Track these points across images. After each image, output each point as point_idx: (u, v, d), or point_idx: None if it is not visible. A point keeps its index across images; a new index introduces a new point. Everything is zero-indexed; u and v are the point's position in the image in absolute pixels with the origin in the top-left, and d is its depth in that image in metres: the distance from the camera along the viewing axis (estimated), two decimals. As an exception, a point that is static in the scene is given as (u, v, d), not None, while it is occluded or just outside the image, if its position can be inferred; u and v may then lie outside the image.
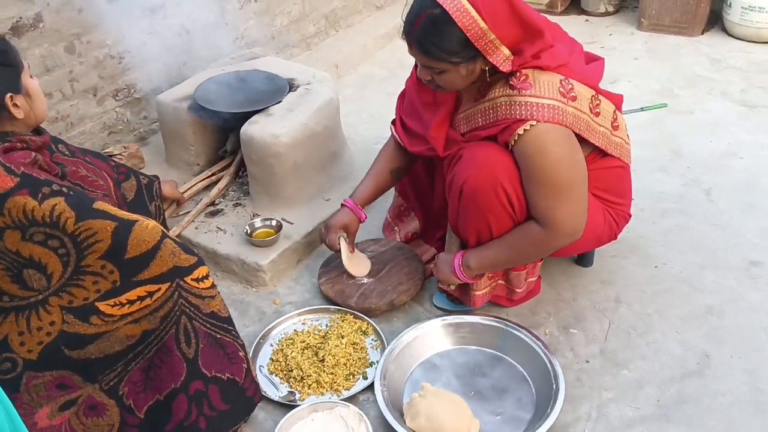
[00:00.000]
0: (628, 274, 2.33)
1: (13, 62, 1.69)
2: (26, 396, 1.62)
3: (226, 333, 1.76)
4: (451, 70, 1.80)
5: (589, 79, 1.91)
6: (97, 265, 1.58)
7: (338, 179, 2.68)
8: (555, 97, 1.79)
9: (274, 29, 3.52)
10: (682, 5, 3.81)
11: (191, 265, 1.67)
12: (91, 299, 1.60)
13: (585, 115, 1.86)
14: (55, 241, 1.56)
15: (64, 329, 1.60)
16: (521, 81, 1.80)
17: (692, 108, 3.24)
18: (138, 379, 1.67)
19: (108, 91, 2.84)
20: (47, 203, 1.54)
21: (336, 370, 2.00)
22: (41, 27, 2.53)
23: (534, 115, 1.78)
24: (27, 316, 1.59)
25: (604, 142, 1.95)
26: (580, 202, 1.87)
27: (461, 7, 1.70)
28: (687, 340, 2.09)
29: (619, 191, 2.10)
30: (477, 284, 2.08)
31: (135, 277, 1.61)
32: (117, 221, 1.58)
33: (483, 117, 1.89)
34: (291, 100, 2.57)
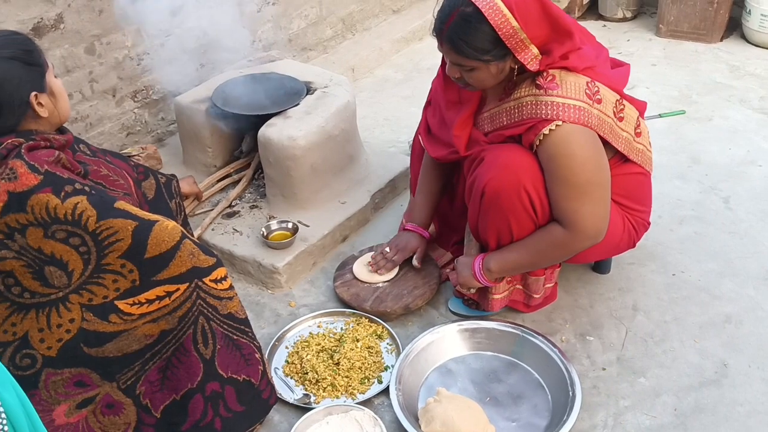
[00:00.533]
0: (646, 281, 2.31)
1: (39, 62, 1.71)
2: (44, 392, 1.63)
3: (243, 334, 1.76)
4: (482, 68, 1.80)
5: (615, 83, 1.91)
6: (117, 263, 1.59)
7: (354, 182, 2.68)
8: (581, 99, 1.79)
9: (291, 32, 3.53)
10: (701, 12, 3.79)
11: (210, 266, 1.68)
12: (110, 298, 1.61)
13: (609, 119, 1.85)
14: (77, 239, 1.57)
15: (84, 327, 1.61)
16: (548, 81, 1.80)
17: (711, 115, 3.22)
18: (155, 379, 1.67)
19: (127, 92, 2.86)
20: (69, 201, 1.56)
21: (351, 373, 2.00)
22: (62, 28, 2.55)
23: (560, 116, 1.77)
24: (47, 313, 1.60)
25: (627, 147, 1.94)
26: (604, 204, 1.86)
27: (494, 5, 1.71)
28: (705, 349, 2.07)
29: (638, 198, 2.09)
30: (495, 288, 2.07)
31: (154, 276, 1.62)
32: (137, 221, 1.60)
33: (508, 116, 1.88)
34: (308, 103, 2.58)
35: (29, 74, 1.67)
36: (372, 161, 2.81)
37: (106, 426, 1.68)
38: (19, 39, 1.71)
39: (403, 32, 4.06)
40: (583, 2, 4.22)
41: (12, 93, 1.64)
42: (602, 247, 2.05)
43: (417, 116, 3.25)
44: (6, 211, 1.55)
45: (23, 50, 1.67)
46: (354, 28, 3.93)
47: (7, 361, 1.61)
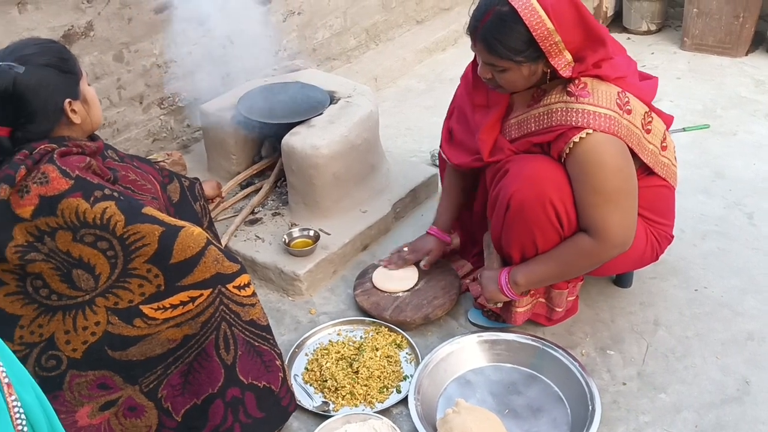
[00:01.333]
0: (668, 296, 2.30)
1: (73, 69, 1.74)
2: (68, 394, 1.65)
3: (264, 341, 1.78)
4: (514, 69, 1.80)
5: (644, 95, 1.91)
6: (143, 268, 1.62)
7: (376, 192, 2.69)
8: (612, 108, 1.79)
9: (316, 42, 3.57)
10: (727, 25, 3.77)
11: (234, 272, 1.69)
12: (135, 302, 1.63)
13: (638, 130, 1.85)
14: (105, 243, 1.60)
15: (109, 330, 1.64)
16: (579, 88, 1.80)
17: (735, 129, 3.20)
18: (177, 383, 1.69)
19: (153, 99, 2.90)
20: (99, 206, 1.59)
21: (370, 382, 2.01)
22: (92, 35, 2.60)
23: (591, 124, 1.77)
24: (74, 315, 1.63)
25: (653, 160, 1.94)
26: (632, 213, 1.86)
27: (530, 6, 1.72)
28: (727, 366, 2.05)
29: (662, 211, 2.08)
30: (519, 301, 2.05)
31: (179, 282, 1.64)
32: (164, 226, 1.63)
33: (536, 123, 1.88)
34: (332, 112, 2.60)
35: (64, 81, 1.71)
36: (393, 171, 2.83)
37: (128, 428, 1.70)
38: (55, 47, 1.74)
39: (427, 43, 4.08)
40: (607, 14, 4.22)
41: (47, 99, 1.67)
42: (626, 260, 2.04)
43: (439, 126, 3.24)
44: (37, 214, 1.59)
45: (59, 58, 1.71)
46: (378, 39, 3.96)
47: (34, 362, 1.64)
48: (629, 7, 4.15)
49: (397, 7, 4.00)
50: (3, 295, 1.64)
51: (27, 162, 1.61)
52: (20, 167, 1.60)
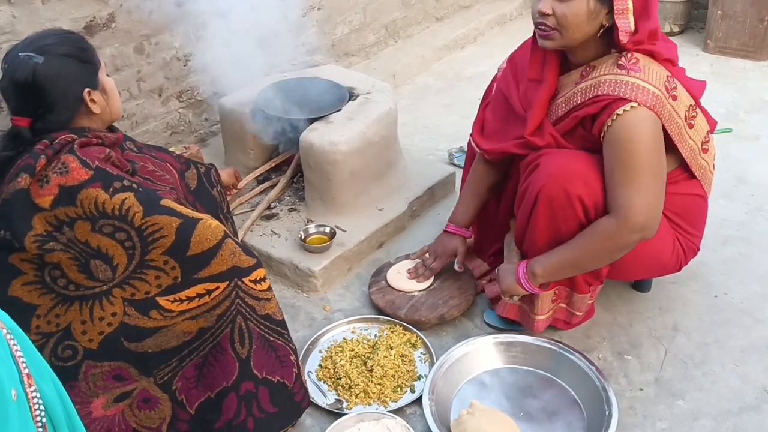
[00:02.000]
0: (687, 301, 2.27)
1: (92, 60, 1.75)
2: (84, 384, 1.66)
3: (279, 336, 1.77)
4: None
5: (692, 89, 1.88)
6: (160, 260, 1.62)
7: (393, 189, 2.68)
8: (660, 88, 1.77)
9: (335, 38, 3.55)
10: (751, 29, 3.71)
11: (250, 266, 1.69)
12: (152, 293, 1.64)
13: (680, 120, 1.82)
14: (123, 233, 1.60)
15: (125, 321, 1.64)
16: (631, 63, 1.78)
17: (758, 134, 3.15)
18: (191, 375, 1.69)
19: (172, 92, 2.90)
20: (117, 197, 1.59)
21: (384, 381, 2.00)
22: (113, 27, 2.61)
23: (638, 98, 1.74)
24: (91, 305, 1.64)
25: (691, 157, 1.91)
26: (658, 197, 1.81)
27: None
28: (746, 374, 2.02)
29: (693, 220, 2.04)
30: (539, 308, 2.02)
31: (195, 274, 1.64)
32: (182, 218, 1.63)
33: (583, 95, 1.85)
34: (350, 108, 2.59)
35: (83, 71, 1.71)
36: (410, 169, 2.81)
37: (142, 420, 1.70)
38: (74, 38, 1.75)
39: (446, 40, 4.06)
40: (629, 15, 4.17)
41: (66, 89, 1.68)
42: (648, 263, 2.03)
43: (457, 125, 3.26)
44: (56, 204, 1.59)
45: (78, 48, 1.72)
46: (397, 35, 3.94)
47: (50, 352, 1.64)
48: (652, 8, 4.10)
49: (417, 4, 3.98)
50: (21, 285, 1.64)
51: (47, 152, 1.62)
52: (40, 157, 1.60)
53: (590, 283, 2.02)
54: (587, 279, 2.00)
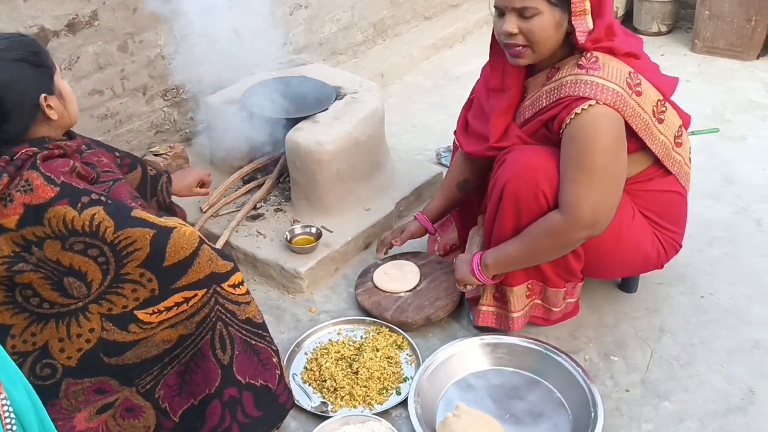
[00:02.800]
0: (674, 302, 2.26)
1: (47, 63, 1.66)
2: (65, 401, 1.62)
3: (261, 339, 1.75)
4: (545, 12, 1.76)
5: (659, 84, 1.87)
6: (135, 273, 1.58)
7: (380, 189, 2.66)
8: (621, 84, 1.77)
9: (322, 36, 3.53)
10: (738, 29, 3.72)
11: (228, 271, 1.66)
12: (130, 307, 1.60)
13: (646, 115, 1.82)
14: (95, 250, 1.55)
15: (103, 336, 1.60)
16: (591, 62, 1.78)
17: (745, 134, 3.16)
18: (173, 383, 1.67)
19: (157, 91, 2.87)
20: (87, 213, 1.53)
21: (369, 383, 1.98)
22: (96, 25, 2.57)
23: (597, 96, 1.75)
24: (67, 323, 1.59)
25: (663, 152, 1.91)
26: (608, 197, 1.82)
27: None
28: (732, 375, 2.02)
29: (671, 217, 2.05)
30: (514, 305, 2.04)
31: (173, 284, 1.60)
32: (155, 228, 1.58)
33: (547, 97, 1.87)
34: (337, 108, 2.57)
35: (37, 76, 1.62)
36: (398, 168, 2.80)
37: (126, 429, 1.67)
38: (26, 41, 1.66)
39: (434, 39, 4.05)
40: (617, 14, 4.17)
41: (21, 95, 1.59)
42: (628, 261, 2.03)
43: (445, 124, 3.25)
44: (23, 224, 1.52)
45: (31, 52, 1.62)
46: (385, 34, 3.92)
47: (28, 371, 1.60)
48: (640, 8, 4.10)
49: (405, 3, 3.96)
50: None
51: (9, 169, 1.54)
52: (2, 175, 1.52)
53: (564, 278, 2.02)
54: (559, 273, 2.01)
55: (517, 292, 2.04)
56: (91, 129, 2.68)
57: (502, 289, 2.06)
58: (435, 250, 2.43)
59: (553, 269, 2.00)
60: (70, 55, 2.54)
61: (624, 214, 1.94)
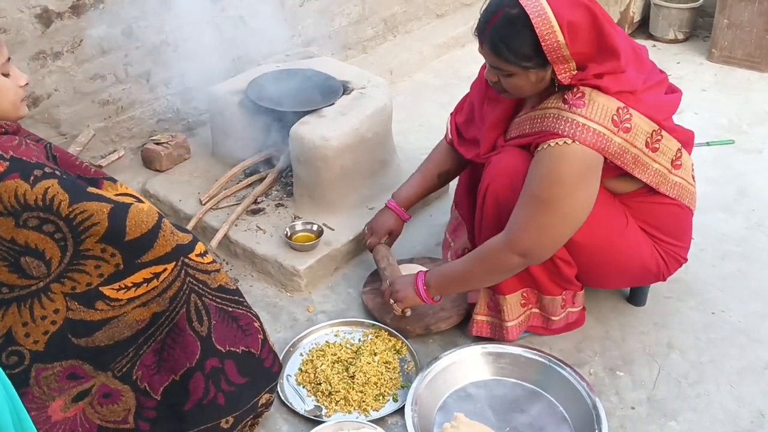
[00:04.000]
0: (683, 318, 2.19)
1: None
2: (37, 389, 1.56)
3: (238, 305, 1.70)
4: (520, 74, 1.72)
5: (657, 112, 1.79)
6: (96, 248, 1.51)
7: (384, 188, 2.59)
8: (605, 124, 1.70)
9: (332, 29, 3.46)
10: (757, 39, 3.64)
11: (190, 242, 1.62)
12: (94, 284, 1.54)
13: (636, 150, 1.75)
14: (51, 225, 1.48)
15: (70, 316, 1.54)
16: (576, 97, 1.71)
17: (761, 147, 3.08)
18: (151, 362, 1.61)
19: (161, 78, 2.81)
20: (40, 186, 1.46)
21: (366, 388, 1.91)
22: (101, 8, 2.51)
23: (576, 135, 1.69)
24: (30, 305, 1.53)
25: (657, 179, 1.84)
26: (552, 232, 1.77)
27: (543, 14, 1.63)
28: (741, 396, 1.95)
29: (672, 231, 1.98)
30: (508, 314, 1.98)
31: (138, 259, 1.55)
32: (112, 203, 1.51)
33: (531, 125, 1.82)
34: (344, 103, 2.50)
35: None
36: (403, 168, 2.72)
37: (105, 415, 1.61)
38: None
39: (446, 38, 3.97)
40: (633, 20, 4.10)
41: None
42: (623, 273, 1.99)
43: (454, 125, 3.17)
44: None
45: None
46: (396, 30, 3.85)
47: None
48: (657, 14, 4.02)
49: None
50: None
51: None
52: None
53: (559, 284, 1.97)
54: (553, 279, 1.95)
55: (511, 300, 1.97)
56: (91, 115, 2.62)
57: (495, 297, 2.00)
58: (448, 256, 2.35)
59: (545, 275, 1.94)
60: (73, 37, 2.48)
61: (615, 222, 1.89)
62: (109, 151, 2.73)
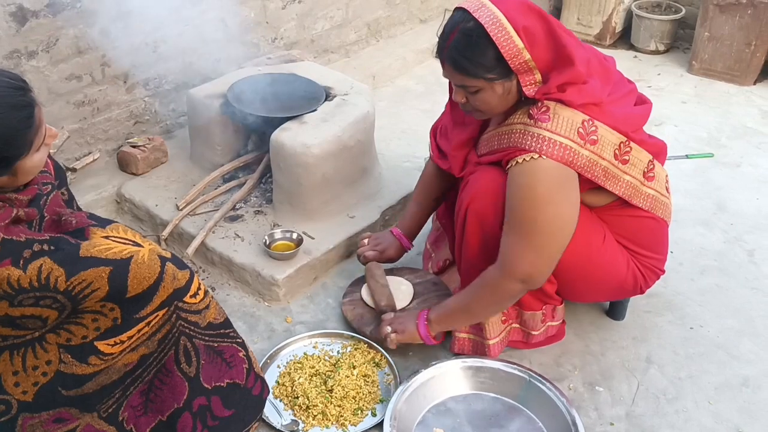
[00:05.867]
0: (662, 332, 2.19)
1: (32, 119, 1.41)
2: None
3: (224, 338, 1.66)
4: (486, 88, 1.71)
5: (625, 123, 1.78)
6: (96, 305, 1.45)
7: (366, 196, 2.57)
8: (571, 137, 1.69)
9: (315, 33, 3.43)
10: (737, 52, 3.67)
11: (188, 281, 1.56)
12: (90, 338, 1.47)
13: (605, 162, 1.74)
14: (48, 300, 1.40)
15: (61, 369, 1.47)
16: (541, 112, 1.70)
17: (739, 161, 3.10)
18: (138, 403, 1.56)
19: (139, 79, 2.75)
20: (32, 267, 1.37)
21: (344, 402, 1.89)
22: (79, 7, 2.45)
23: (543, 150, 1.68)
24: (23, 354, 1.46)
25: (629, 191, 1.83)
26: (545, 253, 1.75)
27: (497, 22, 1.63)
28: (719, 412, 1.95)
29: (648, 244, 1.98)
30: (489, 332, 1.97)
31: (137, 313, 1.48)
32: (111, 265, 1.43)
33: (498, 141, 1.81)
34: (326, 109, 2.47)
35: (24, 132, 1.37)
36: (385, 176, 2.70)
37: None
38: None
39: (429, 43, 3.95)
40: (615, 30, 4.11)
41: None
42: (600, 287, 1.98)
43: (436, 132, 3.15)
44: None
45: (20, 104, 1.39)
46: (379, 35, 3.82)
47: None
48: (639, 25, 4.04)
49: (401, 4, 3.86)
50: None
51: None
52: None
53: (539, 299, 1.96)
54: (534, 294, 1.94)
55: (491, 317, 1.96)
56: (66, 116, 2.55)
57: None
58: (429, 267, 2.33)
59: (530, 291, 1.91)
60: (49, 37, 2.41)
61: (594, 236, 1.88)
62: (84, 154, 2.66)
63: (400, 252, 2.24)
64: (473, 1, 1.68)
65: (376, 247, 2.22)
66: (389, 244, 2.23)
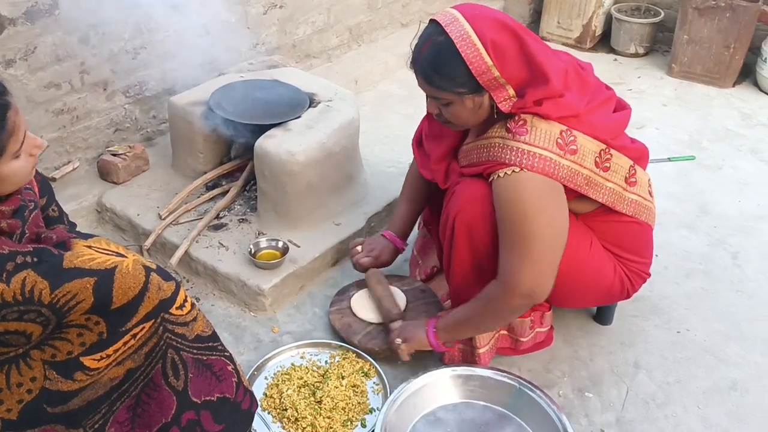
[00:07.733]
0: (650, 337, 2.20)
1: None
2: None
3: (212, 351, 1.62)
4: (457, 102, 1.71)
5: (604, 131, 1.78)
6: (80, 319, 1.41)
7: (351, 203, 2.55)
8: (550, 148, 1.69)
9: (296, 38, 3.40)
10: (716, 55, 3.71)
11: (173, 293, 1.52)
12: (75, 353, 1.43)
13: (586, 170, 1.75)
14: (32, 314, 1.37)
15: (46, 386, 1.43)
16: (518, 125, 1.70)
17: (721, 163, 3.13)
18: (124, 418, 1.52)
19: (119, 87, 2.71)
20: (15, 281, 1.33)
21: (333, 414, 1.87)
22: (57, 14, 2.40)
23: (523, 163, 1.68)
24: (7, 371, 1.42)
25: (613, 198, 1.84)
26: (545, 264, 1.74)
27: (467, 38, 1.63)
28: (708, 416, 1.96)
29: (633, 248, 1.98)
30: (479, 342, 1.97)
31: (123, 326, 1.45)
32: (95, 276, 1.40)
33: (478, 154, 1.81)
34: (310, 116, 2.44)
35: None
36: (370, 182, 2.69)
37: None
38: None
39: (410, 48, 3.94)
40: (595, 33, 4.13)
41: None
42: (589, 290, 1.98)
43: (419, 137, 3.14)
44: None
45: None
46: (361, 39, 3.81)
47: None
48: (618, 28, 4.07)
49: (383, 8, 3.85)
50: None
51: None
52: None
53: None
54: None
55: None
56: (45, 124, 2.50)
57: None
58: (416, 274, 2.32)
59: None
60: (27, 44, 2.36)
61: (581, 243, 1.88)
62: (64, 163, 2.61)
63: (395, 254, 2.23)
64: (447, 15, 1.68)
65: (371, 253, 2.20)
66: (383, 248, 2.21)
